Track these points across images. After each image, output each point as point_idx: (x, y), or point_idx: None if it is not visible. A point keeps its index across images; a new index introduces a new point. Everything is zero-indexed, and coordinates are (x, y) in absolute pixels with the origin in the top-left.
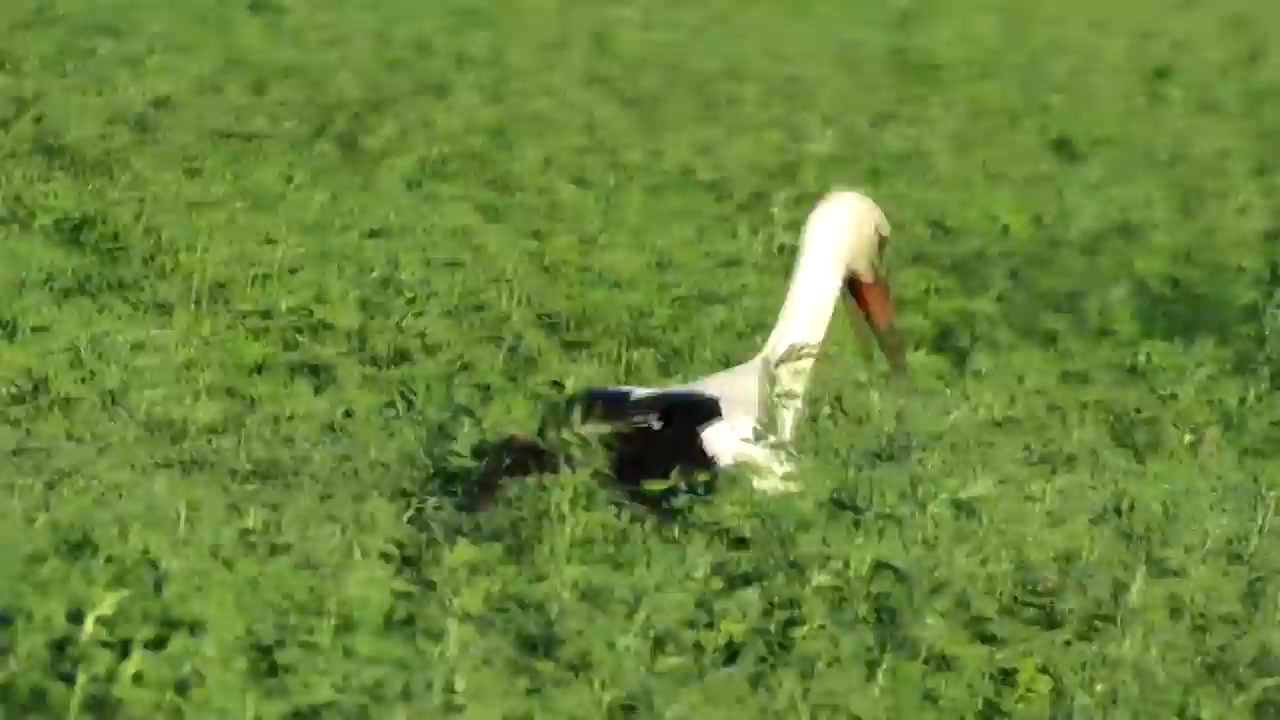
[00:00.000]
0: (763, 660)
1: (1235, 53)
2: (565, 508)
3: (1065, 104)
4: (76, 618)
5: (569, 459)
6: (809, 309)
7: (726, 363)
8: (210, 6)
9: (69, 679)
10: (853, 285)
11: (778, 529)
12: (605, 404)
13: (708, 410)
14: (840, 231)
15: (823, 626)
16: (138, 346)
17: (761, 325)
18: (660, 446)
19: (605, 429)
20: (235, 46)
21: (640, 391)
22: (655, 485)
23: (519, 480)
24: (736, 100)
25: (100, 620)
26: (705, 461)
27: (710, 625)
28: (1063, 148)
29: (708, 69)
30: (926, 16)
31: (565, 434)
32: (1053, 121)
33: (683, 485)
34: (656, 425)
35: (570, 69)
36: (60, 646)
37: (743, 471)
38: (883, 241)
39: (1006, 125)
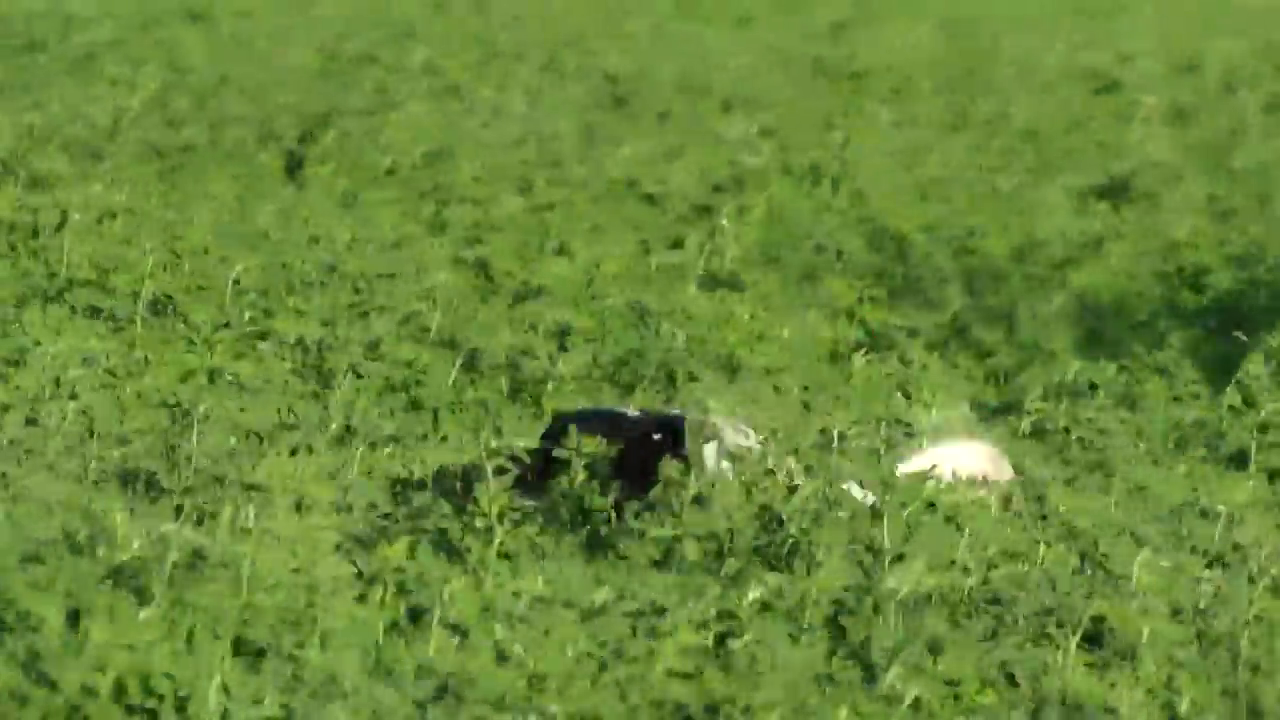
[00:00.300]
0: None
1: (1174, 63)
2: (493, 520)
3: (1005, 114)
4: (52, 626)
5: (496, 472)
6: None
7: (670, 377)
8: (152, 18)
9: (52, 685)
10: None
11: (725, 542)
12: (602, 422)
13: (691, 429)
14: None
15: (761, 641)
16: (76, 356)
17: (700, 336)
18: (654, 455)
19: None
20: (177, 59)
21: (633, 413)
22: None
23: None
24: (680, 113)
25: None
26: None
27: (671, 634)
28: (1001, 158)
29: (652, 81)
30: (866, 27)
31: (493, 446)
32: (993, 132)
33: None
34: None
35: (513, 82)
36: (44, 652)
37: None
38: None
39: (946, 135)
